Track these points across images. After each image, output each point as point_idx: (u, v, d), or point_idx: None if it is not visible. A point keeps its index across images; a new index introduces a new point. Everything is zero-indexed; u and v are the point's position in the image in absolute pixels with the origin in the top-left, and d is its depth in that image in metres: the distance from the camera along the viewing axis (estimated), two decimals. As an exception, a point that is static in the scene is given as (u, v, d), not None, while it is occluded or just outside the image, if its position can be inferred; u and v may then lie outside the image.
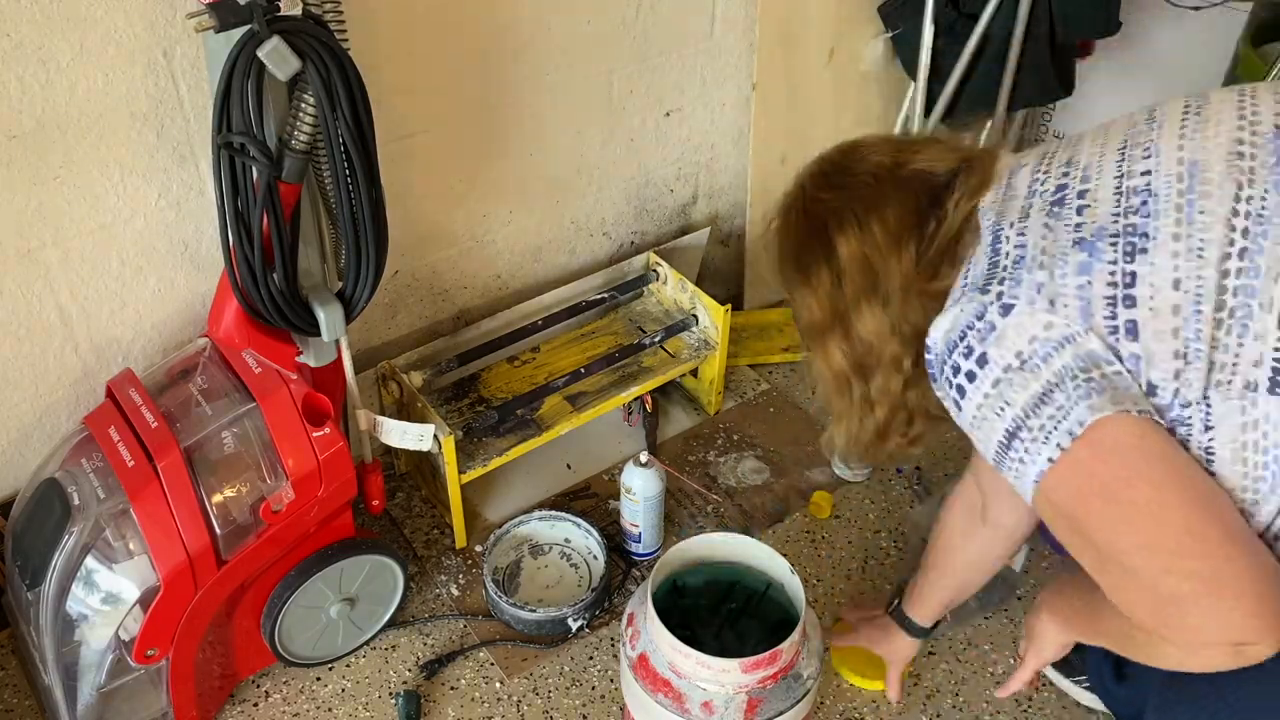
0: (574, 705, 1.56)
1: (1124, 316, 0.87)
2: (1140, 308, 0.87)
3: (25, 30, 1.25)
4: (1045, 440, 0.89)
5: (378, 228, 1.36)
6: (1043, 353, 0.89)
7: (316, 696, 1.56)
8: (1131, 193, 0.91)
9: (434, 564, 1.75)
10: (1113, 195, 0.92)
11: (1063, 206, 0.94)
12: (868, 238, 1.03)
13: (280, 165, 1.25)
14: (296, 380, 1.41)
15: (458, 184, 1.77)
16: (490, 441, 1.74)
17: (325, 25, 1.23)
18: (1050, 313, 0.89)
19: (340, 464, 1.40)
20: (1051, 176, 0.98)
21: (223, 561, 1.34)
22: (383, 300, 1.78)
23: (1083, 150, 0.99)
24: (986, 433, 0.95)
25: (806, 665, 1.25)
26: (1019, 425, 0.91)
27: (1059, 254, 0.90)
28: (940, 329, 0.97)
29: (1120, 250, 0.88)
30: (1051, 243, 0.92)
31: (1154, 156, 0.92)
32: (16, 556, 1.40)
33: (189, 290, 1.56)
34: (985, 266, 0.96)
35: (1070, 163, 0.98)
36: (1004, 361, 0.91)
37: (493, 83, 1.70)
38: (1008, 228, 0.97)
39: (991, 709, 1.57)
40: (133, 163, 1.41)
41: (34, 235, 1.39)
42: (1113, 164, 0.95)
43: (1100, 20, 1.94)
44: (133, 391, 1.39)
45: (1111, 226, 0.90)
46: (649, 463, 1.67)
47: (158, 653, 1.35)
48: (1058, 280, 0.89)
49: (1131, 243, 0.88)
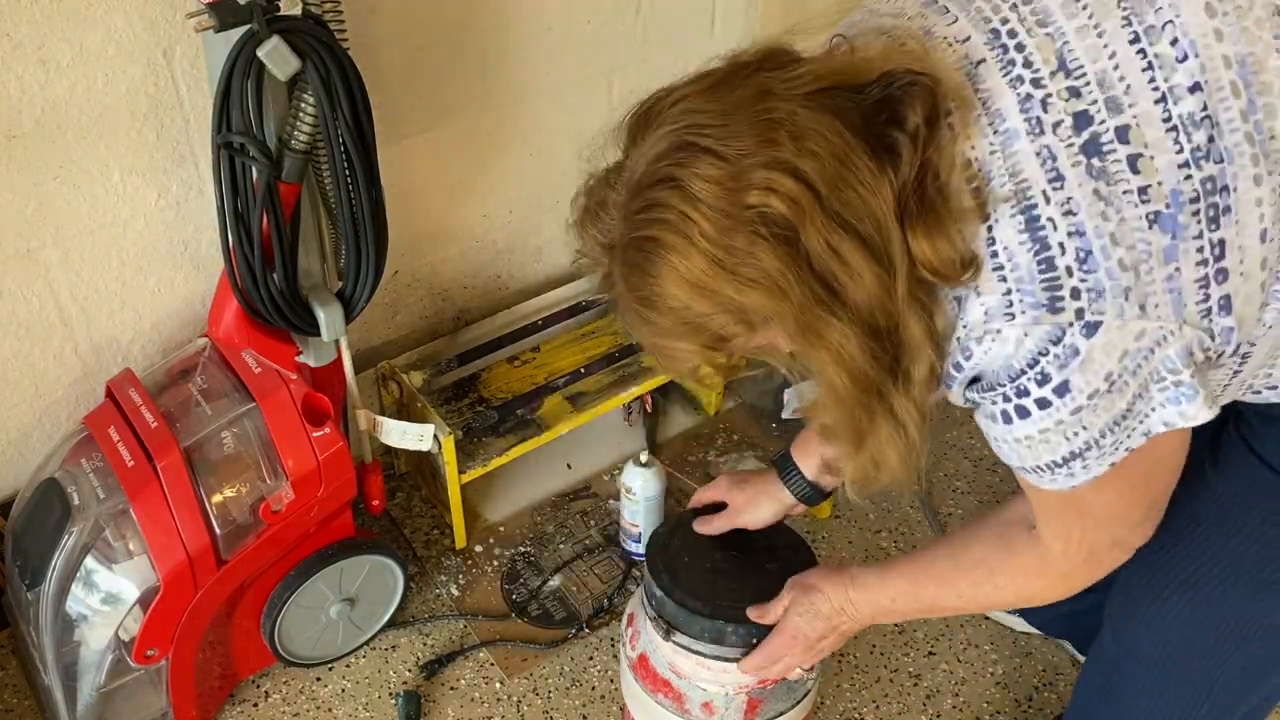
0: (574, 705, 1.56)
1: (1217, 294, 0.76)
2: (1232, 278, 0.76)
3: (25, 30, 1.25)
4: (1114, 451, 0.81)
5: (378, 228, 1.36)
6: (1133, 366, 0.76)
7: (316, 696, 1.56)
8: (1189, 125, 0.74)
9: (434, 564, 1.75)
10: (1166, 134, 0.74)
11: (1103, 158, 0.74)
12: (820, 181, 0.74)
13: (280, 165, 1.25)
14: (296, 380, 1.41)
15: (458, 184, 1.77)
16: (490, 441, 1.74)
17: (325, 25, 1.23)
18: (1142, 319, 0.75)
19: (340, 464, 1.40)
20: (1052, 94, 0.76)
21: (223, 561, 1.34)
22: (383, 300, 1.78)
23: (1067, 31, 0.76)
24: (1038, 450, 0.83)
25: None
26: (1089, 446, 0.81)
27: (1137, 242, 0.74)
28: (997, 355, 0.78)
29: (1204, 218, 0.75)
30: (1120, 225, 0.74)
31: (1193, 56, 0.74)
32: (16, 556, 1.40)
33: (189, 290, 1.56)
34: (1034, 266, 0.76)
35: (1066, 65, 0.76)
36: (1091, 388, 0.77)
37: (493, 83, 1.69)
38: (1043, 200, 0.75)
39: (991, 709, 1.57)
40: (132, 162, 1.41)
41: (34, 235, 1.39)
42: (1138, 71, 0.75)
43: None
44: (132, 391, 1.39)
45: (1186, 187, 0.74)
46: (649, 463, 1.67)
47: (157, 653, 1.35)
48: (1144, 279, 0.74)
49: (1214, 204, 0.74)
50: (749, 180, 0.74)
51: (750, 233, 0.74)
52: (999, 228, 0.77)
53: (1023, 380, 0.78)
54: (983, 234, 0.77)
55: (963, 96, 0.77)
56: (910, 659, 1.63)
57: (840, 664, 1.62)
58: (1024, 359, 0.78)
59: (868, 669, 1.62)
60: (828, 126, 0.74)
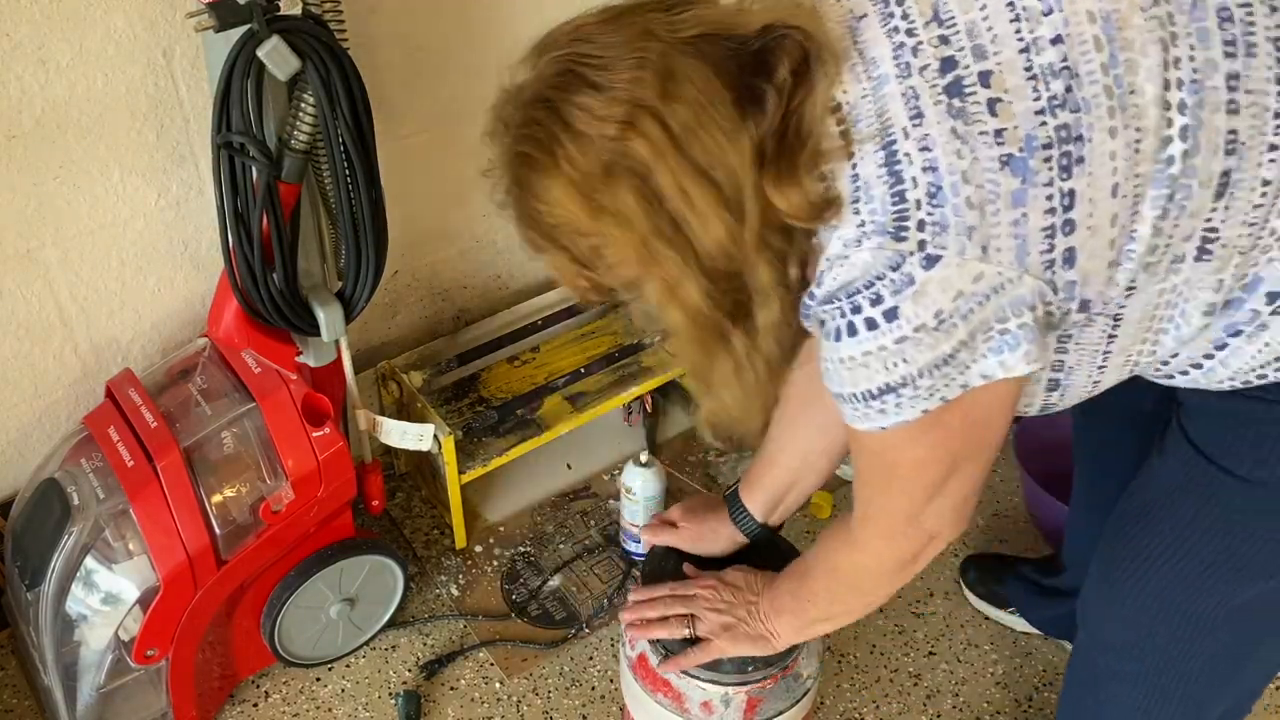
0: (574, 705, 1.56)
1: (1062, 245, 0.77)
2: (1079, 230, 0.77)
3: (25, 30, 1.25)
4: (928, 397, 0.81)
5: (378, 228, 1.36)
6: (965, 309, 0.76)
7: (316, 697, 1.56)
8: (1049, 74, 0.75)
9: (434, 564, 1.75)
10: (1026, 81, 0.75)
11: (964, 99, 0.75)
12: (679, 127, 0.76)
13: (280, 165, 1.25)
14: (296, 380, 1.41)
15: (458, 184, 1.77)
16: (490, 441, 1.74)
17: (325, 25, 1.23)
18: (983, 261, 0.75)
19: (340, 464, 1.40)
20: (923, 41, 0.78)
21: (222, 562, 1.34)
22: (383, 300, 1.78)
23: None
24: (856, 375, 0.82)
25: (806, 665, 1.25)
26: (905, 382, 0.81)
27: (987, 182, 0.75)
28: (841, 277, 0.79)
29: (1056, 165, 0.75)
30: (972, 164, 0.75)
31: (1056, 10, 0.76)
32: (16, 556, 1.40)
33: (189, 290, 1.56)
34: (888, 197, 0.77)
35: (940, 16, 0.78)
36: (918, 320, 0.77)
37: (493, 82, 1.69)
38: (902, 136, 0.76)
39: (992, 709, 1.57)
40: (132, 162, 1.41)
41: (33, 235, 1.39)
42: (1006, 23, 0.76)
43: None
44: (132, 391, 1.39)
45: (1041, 133, 0.75)
46: (649, 463, 1.67)
47: (157, 653, 1.35)
48: (989, 219, 0.75)
49: (1067, 153, 0.75)
50: (614, 115, 0.76)
51: (609, 164, 0.77)
52: (861, 164, 0.78)
53: (858, 298, 0.79)
54: (847, 171, 0.79)
55: (835, 49, 0.79)
56: (910, 659, 1.63)
57: (840, 664, 1.62)
58: (863, 280, 0.78)
59: (868, 669, 1.62)
60: (697, 73, 0.76)
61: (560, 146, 0.78)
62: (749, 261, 0.81)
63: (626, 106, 0.76)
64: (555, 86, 0.79)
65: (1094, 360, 0.90)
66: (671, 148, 0.76)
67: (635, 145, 0.76)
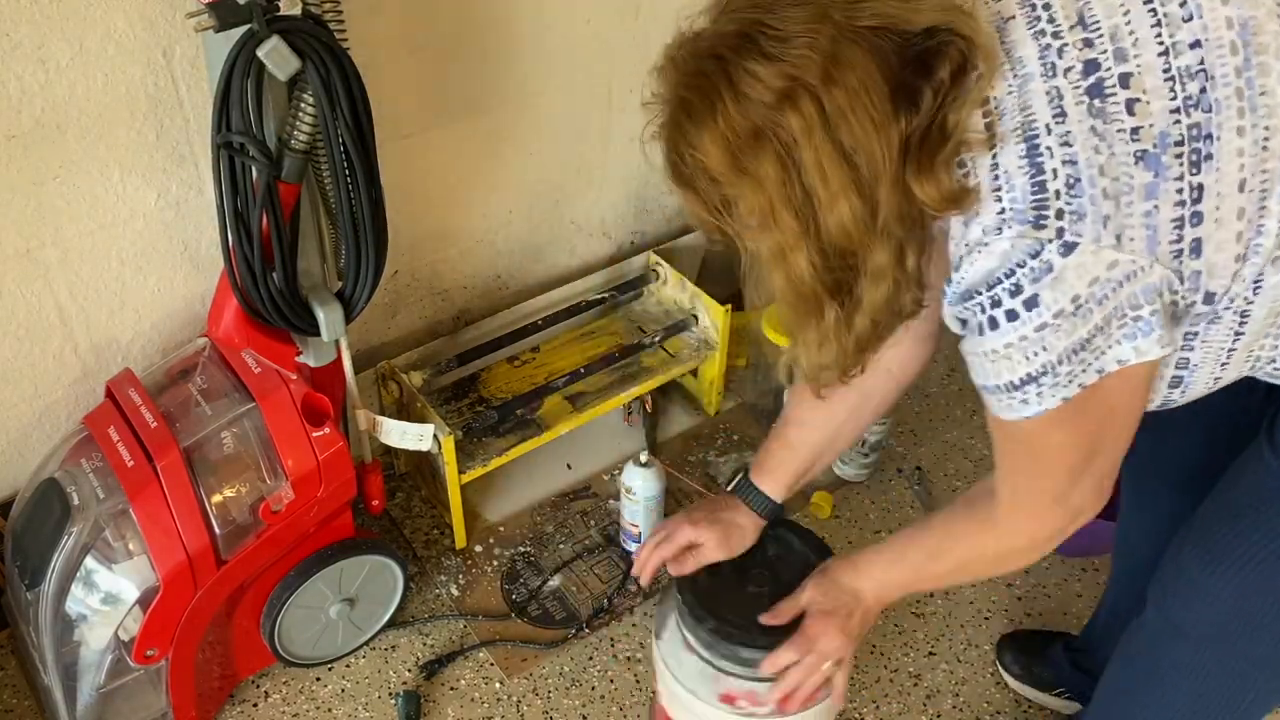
0: (574, 705, 1.56)
1: (1190, 236, 0.81)
2: (1206, 222, 0.81)
3: (24, 30, 1.25)
4: (1068, 384, 0.85)
5: (378, 228, 1.36)
6: (1100, 295, 0.81)
7: (316, 697, 1.56)
8: (1185, 76, 0.81)
9: (434, 564, 1.75)
10: (1164, 83, 0.81)
11: (1104, 99, 0.81)
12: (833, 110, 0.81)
13: (280, 165, 1.25)
14: (296, 380, 1.41)
15: (458, 184, 1.77)
16: (490, 441, 1.74)
17: (325, 25, 1.23)
18: (1116, 249, 0.80)
19: (340, 464, 1.40)
20: (1068, 44, 0.83)
21: (222, 562, 1.34)
22: (383, 300, 1.78)
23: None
24: (1000, 367, 0.87)
25: None
26: (1046, 370, 0.85)
27: (1122, 175, 0.80)
28: (982, 267, 0.84)
29: (1186, 162, 0.80)
30: (1109, 159, 0.80)
31: (1197, 16, 0.81)
32: (16, 556, 1.40)
33: (189, 290, 1.56)
34: (1028, 187, 0.81)
35: (1085, 20, 0.83)
36: (1057, 306, 0.82)
37: (492, 83, 1.69)
38: (1044, 132, 0.81)
39: (992, 709, 1.57)
40: (132, 162, 1.41)
41: (33, 235, 1.39)
42: (1147, 28, 0.82)
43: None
44: (132, 391, 1.39)
45: (1174, 131, 0.80)
46: (649, 463, 1.67)
47: (157, 653, 1.35)
48: (1124, 210, 0.80)
49: (1197, 149, 0.80)
50: (775, 87, 0.80)
51: (759, 129, 0.82)
52: (1002, 154, 0.83)
53: (998, 289, 0.83)
54: (987, 161, 0.84)
55: (991, 53, 0.83)
56: (910, 659, 1.63)
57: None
58: (1003, 269, 0.83)
59: (868, 669, 1.62)
60: (861, 63, 0.80)
61: (721, 102, 0.82)
62: (867, 244, 0.85)
63: (789, 82, 0.80)
64: (730, 46, 0.82)
65: (1219, 358, 0.94)
66: (821, 127, 0.81)
67: (789, 118, 0.81)
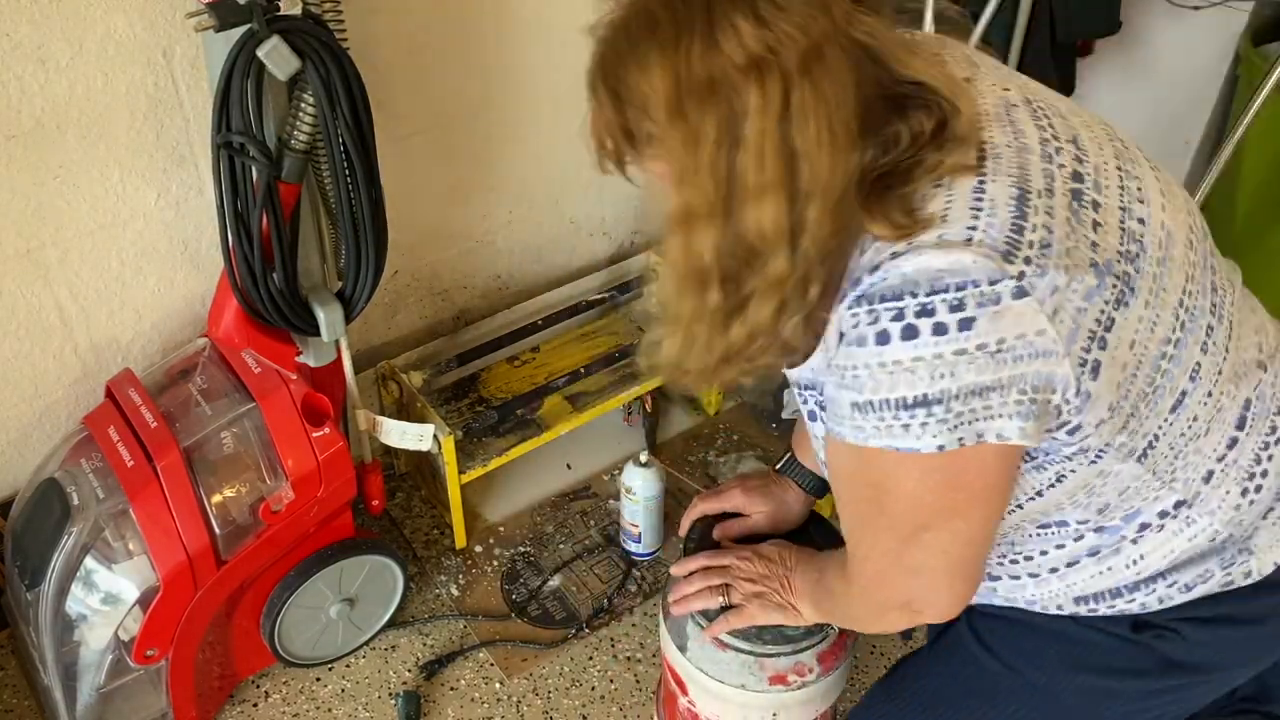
0: (574, 705, 1.56)
1: (1094, 354, 0.84)
2: (1108, 351, 0.85)
3: (24, 30, 1.25)
4: (952, 429, 0.83)
5: (378, 228, 1.36)
6: (1021, 352, 0.81)
7: (316, 697, 1.56)
8: (1131, 236, 0.87)
9: (434, 564, 1.75)
10: (1119, 227, 0.87)
11: (1081, 206, 0.85)
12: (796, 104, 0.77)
13: (280, 165, 1.25)
14: (296, 380, 1.41)
15: (458, 184, 1.77)
16: (490, 441, 1.74)
17: (325, 25, 1.23)
18: (1050, 321, 0.81)
19: (340, 464, 1.40)
20: (1063, 149, 0.88)
21: (222, 562, 1.34)
22: (383, 300, 1.78)
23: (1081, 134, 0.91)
24: (897, 380, 0.83)
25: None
26: (942, 399, 0.82)
27: (1078, 265, 0.83)
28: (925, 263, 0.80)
29: (1114, 291, 0.85)
30: (1074, 247, 0.83)
31: (1146, 204, 0.90)
32: (16, 556, 1.40)
33: (189, 290, 1.56)
34: (1008, 225, 0.81)
35: (1077, 144, 0.89)
36: (983, 340, 0.80)
37: (493, 82, 1.69)
38: (1034, 194, 0.83)
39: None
40: (132, 162, 1.41)
41: (33, 235, 1.39)
42: (1115, 184, 0.89)
43: (1100, 19, 1.95)
44: (132, 391, 1.39)
45: (1117, 265, 0.85)
46: (649, 463, 1.67)
47: (157, 653, 1.35)
48: (1068, 292, 0.82)
49: (1122, 290, 0.85)
50: (751, 51, 0.76)
51: (715, 83, 0.77)
52: (992, 186, 0.83)
53: (936, 299, 0.80)
54: (972, 183, 0.83)
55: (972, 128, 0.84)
56: (910, 659, 1.63)
57: (840, 664, 1.62)
58: (953, 280, 0.80)
59: (868, 669, 1.61)
60: (841, 73, 0.77)
61: (689, 37, 0.77)
62: (775, 252, 0.81)
63: (766, 53, 0.76)
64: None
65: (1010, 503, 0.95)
66: (778, 116, 0.77)
67: (750, 90, 0.76)
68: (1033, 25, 1.93)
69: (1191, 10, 2.09)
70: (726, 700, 1.24)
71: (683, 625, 1.24)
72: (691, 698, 1.28)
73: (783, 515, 1.30)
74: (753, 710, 1.24)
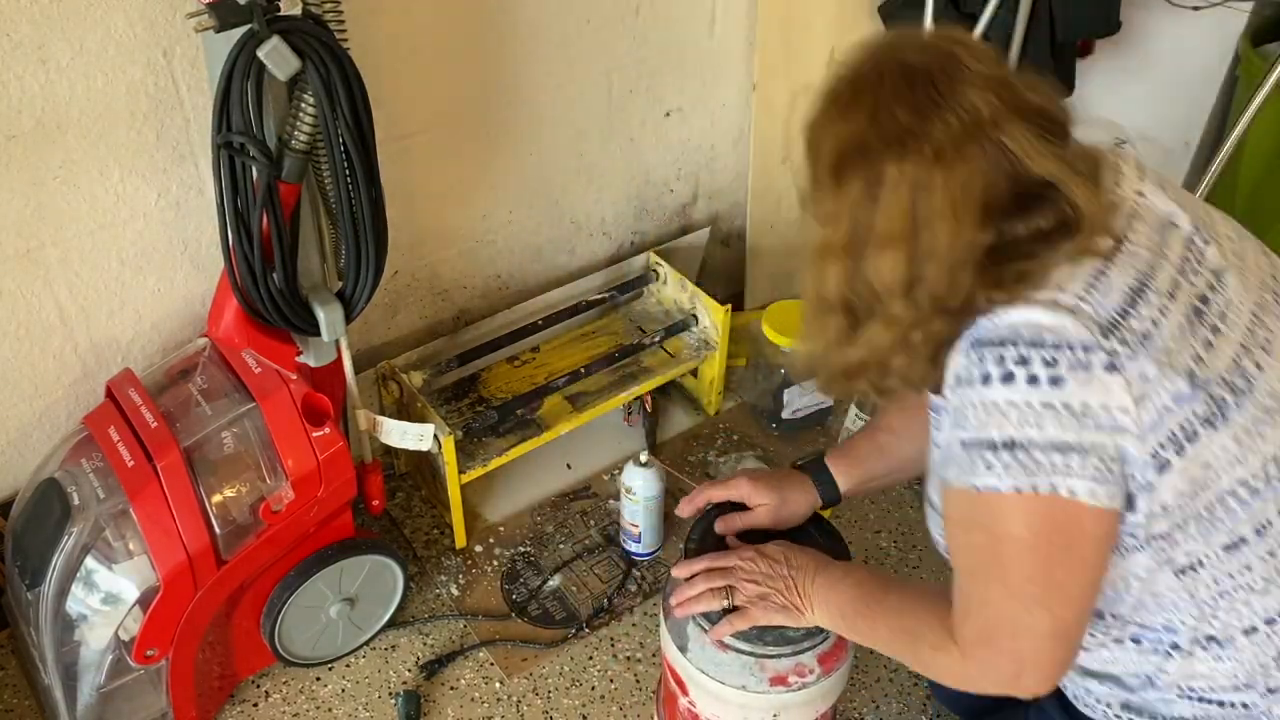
0: (574, 705, 1.56)
1: (1168, 454, 0.91)
2: (1183, 458, 0.91)
3: (25, 30, 1.25)
4: (1030, 474, 0.90)
5: (378, 228, 1.36)
6: (1102, 422, 0.89)
7: (316, 696, 1.56)
8: (1243, 373, 0.94)
9: (434, 564, 1.75)
10: (1231, 357, 0.94)
11: (1200, 321, 0.93)
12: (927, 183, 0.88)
13: (280, 165, 1.25)
14: (296, 380, 1.41)
15: (458, 184, 1.77)
16: (490, 441, 1.74)
17: (325, 25, 1.23)
18: (1136, 405, 0.89)
19: (340, 464, 1.40)
20: (1202, 274, 0.96)
21: (223, 562, 1.34)
22: (383, 300, 1.78)
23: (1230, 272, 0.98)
24: (991, 420, 0.91)
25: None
26: (1029, 444, 0.89)
27: (1174, 367, 0.91)
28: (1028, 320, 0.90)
29: (1207, 409, 0.91)
30: (1177, 351, 0.91)
31: (1270, 355, 0.96)
32: (16, 556, 1.40)
33: (189, 290, 1.56)
34: (1117, 306, 0.90)
35: (1220, 277, 0.97)
36: (1070, 400, 0.88)
37: (492, 83, 1.70)
38: (1154, 292, 0.92)
39: (991, 709, 1.57)
40: (132, 162, 1.41)
41: (33, 235, 1.39)
42: (1244, 323, 0.96)
43: (1100, 19, 1.94)
44: (132, 391, 1.39)
45: (1217, 387, 0.92)
46: (649, 463, 1.67)
47: (157, 653, 1.35)
48: (1156, 386, 0.90)
49: (1214, 412, 0.92)
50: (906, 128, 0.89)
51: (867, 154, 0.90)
52: (1114, 271, 0.92)
53: (1034, 351, 0.89)
54: (1096, 265, 0.92)
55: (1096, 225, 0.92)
56: (910, 659, 1.63)
57: (840, 664, 1.62)
58: (1052, 339, 0.89)
59: (868, 669, 1.62)
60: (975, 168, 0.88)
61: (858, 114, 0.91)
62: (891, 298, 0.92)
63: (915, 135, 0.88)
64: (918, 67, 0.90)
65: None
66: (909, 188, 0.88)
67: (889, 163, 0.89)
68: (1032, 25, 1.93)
69: (1191, 10, 2.09)
70: (727, 701, 1.24)
71: (683, 626, 1.24)
72: (692, 698, 1.28)
73: (786, 512, 1.30)
74: (753, 711, 1.24)
